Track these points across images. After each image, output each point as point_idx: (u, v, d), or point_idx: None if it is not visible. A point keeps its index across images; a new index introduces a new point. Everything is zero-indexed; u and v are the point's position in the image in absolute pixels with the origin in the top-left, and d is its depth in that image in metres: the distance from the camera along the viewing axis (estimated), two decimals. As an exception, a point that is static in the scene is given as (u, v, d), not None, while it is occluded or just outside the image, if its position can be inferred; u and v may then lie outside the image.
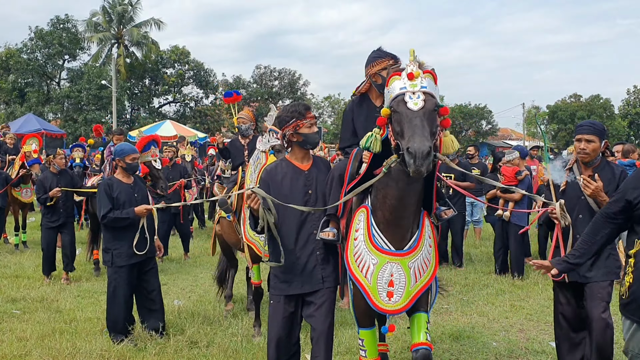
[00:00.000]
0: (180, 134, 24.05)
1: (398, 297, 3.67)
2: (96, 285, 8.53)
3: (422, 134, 3.17)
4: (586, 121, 4.53)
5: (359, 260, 3.73)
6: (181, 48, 44.29)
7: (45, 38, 39.84)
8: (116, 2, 41.98)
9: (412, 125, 3.22)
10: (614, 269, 4.32)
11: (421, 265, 3.76)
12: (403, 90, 3.36)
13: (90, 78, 38.68)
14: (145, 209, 5.75)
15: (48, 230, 8.85)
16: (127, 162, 5.93)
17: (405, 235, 3.72)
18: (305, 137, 4.04)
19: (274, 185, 4.02)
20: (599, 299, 4.20)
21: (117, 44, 42.56)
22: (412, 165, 3.11)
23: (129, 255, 5.75)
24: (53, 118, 41.31)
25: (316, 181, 4.09)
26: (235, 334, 6.04)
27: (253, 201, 3.84)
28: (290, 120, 4.00)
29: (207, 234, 13.82)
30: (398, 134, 3.33)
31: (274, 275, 4.13)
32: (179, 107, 46.54)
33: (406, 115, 3.27)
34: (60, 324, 6.44)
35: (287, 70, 50.97)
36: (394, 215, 3.65)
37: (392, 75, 3.49)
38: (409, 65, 3.43)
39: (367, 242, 3.71)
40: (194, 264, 10.32)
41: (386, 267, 3.66)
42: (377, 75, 4.14)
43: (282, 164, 4.14)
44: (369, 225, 3.73)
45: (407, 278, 3.67)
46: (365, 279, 3.69)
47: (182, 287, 8.45)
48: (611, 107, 57.15)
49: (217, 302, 7.36)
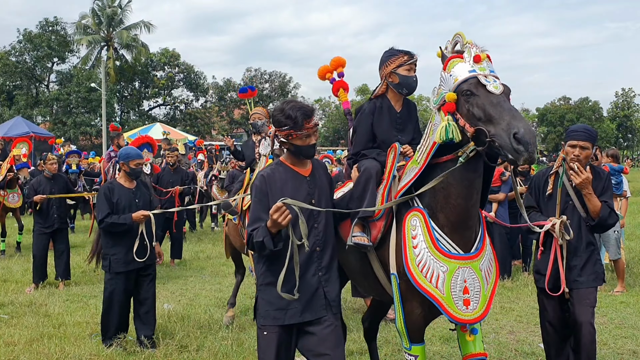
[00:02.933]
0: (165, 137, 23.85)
1: (475, 303, 3.35)
2: (85, 289, 8.47)
3: (522, 117, 2.92)
4: (580, 126, 4.46)
5: (425, 270, 3.32)
6: (171, 51, 44.25)
7: (34, 40, 39.62)
8: (106, 5, 41.83)
9: (503, 108, 2.96)
10: (600, 274, 4.33)
11: (489, 265, 3.51)
12: (474, 73, 3.10)
13: (79, 81, 38.55)
14: (143, 215, 5.54)
15: (41, 236, 8.64)
16: (132, 167, 5.74)
17: (472, 236, 3.44)
18: (297, 149, 3.39)
19: (273, 193, 3.32)
20: (587, 305, 4.20)
21: (107, 47, 42.39)
22: (525, 153, 2.80)
23: (127, 262, 5.61)
24: (42, 121, 41.04)
25: (319, 188, 3.51)
26: (225, 337, 6.01)
27: (282, 215, 3.08)
28: (283, 127, 3.31)
29: (197, 237, 13.78)
30: (480, 119, 3.03)
31: (266, 301, 3.40)
32: (169, 109, 46.51)
33: (490, 98, 3.02)
34: (48, 329, 6.38)
35: (278, 73, 51.09)
36: (461, 216, 3.35)
37: (452, 58, 3.22)
38: (471, 48, 3.20)
39: (431, 248, 3.34)
40: (184, 267, 10.27)
41: (458, 273, 3.32)
42: (394, 75, 3.96)
43: (280, 168, 3.47)
44: (429, 231, 3.36)
45: (481, 282, 3.38)
46: (437, 290, 3.30)
47: (172, 290, 8.40)
48: (600, 109, 57.67)
49: (207, 306, 7.33)
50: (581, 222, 4.29)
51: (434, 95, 3.35)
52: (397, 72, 3.94)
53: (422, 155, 3.41)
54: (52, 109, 40.83)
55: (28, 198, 8.64)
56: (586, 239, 4.30)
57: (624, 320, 6.62)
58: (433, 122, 3.35)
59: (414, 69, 3.98)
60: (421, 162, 3.39)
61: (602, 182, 4.32)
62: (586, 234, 4.31)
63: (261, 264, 3.41)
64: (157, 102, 46.31)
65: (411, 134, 4.14)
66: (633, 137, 63.17)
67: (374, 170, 3.78)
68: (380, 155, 3.93)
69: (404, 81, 3.96)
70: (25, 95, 39.72)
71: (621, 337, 6.03)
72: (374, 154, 3.97)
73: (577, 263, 4.26)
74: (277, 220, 3.07)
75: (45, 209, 8.55)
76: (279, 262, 3.24)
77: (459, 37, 3.29)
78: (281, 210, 3.07)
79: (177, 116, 45.72)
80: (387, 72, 3.98)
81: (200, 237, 13.82)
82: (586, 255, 4.29)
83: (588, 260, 4.29)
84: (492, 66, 3.18)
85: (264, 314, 3.41)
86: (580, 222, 4.29)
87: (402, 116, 4.12)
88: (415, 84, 4.01)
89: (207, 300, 7.73)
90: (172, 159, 10.91)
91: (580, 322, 4.17)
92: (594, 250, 4.35)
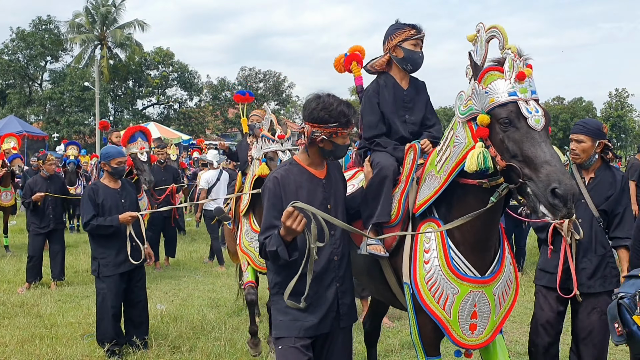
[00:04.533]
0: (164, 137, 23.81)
1: (482, 329, 3.14)
2: (78, 289, 8.43)
3: (563, 167, 2.62)
4: (581, 120, 4.16)
5: (434, 289, 3.10)
6: (165, 50, 44.16)
7: (27, 39, 39.49)
8: (99, 4, 41.69)
9: (544, 153, 2.62)
10: (613, 278, 3.99)
11: (504, 288, 3.23)
12: (514, 97, 2.72)
13: (72, 80, 38.44)
14: (130, 217, 5.44)
15: (36, 236, 8.57)
16: (113, 165, 5.59)
17: (490, 257, 3.17)
18: (335, 148, 3.10)
19: (287, 197, 3.01)
20: (597, 312, 3.93)
21: (100, 46, 42.25)
22: (563, 209, 2.52)
23: (116, 265, 5.47)
24: (35, 120, 40.92)
25: (334, 193, 3.23)
26: (218, 338, 5.99)
27: (296, 221, 2.81)
28: (332, 124, 3.02)
29: (190, 237, 13.74)
30: (515, 156, 2.70)
31: (282, 312, 3.13)
32: (163, 109, 46.41)
33: (531, 136, 2.67)
34: (40, 329, 6.35)
35: (272, 73, 51.09)
36: (480, 236, 3.09)
37: (490, 69, 2.82)
38: (515, 60, 2.76)
39: (443, 267, 3.09)
40: (176, 267, 10.25)
41: (469, 297, 3.08)
42: (398, 48, 3.67)
43: (294, 170, 3.16)
44: (444, 248, 3.12)
45: (492, 307, 3.14)
46: (444, 312, 3.09)
47: (165, 291, 8.37)
48: (593, 109, 57.90)
49: (200, 307, 7.31)
50: (593, 222, 3.97)
51: (461, 103, 2.96)
52: (402, 46, 3.66)
53: (443, 172, 3.09)
54: (45, 108, 40.71)
55: (24, 198, 8.57)
56: (598, 240, 3.98)
57: (616, 320, 6.62)
58: (455, 133, 3.03)
59: (421, 45, 3.70)
60: (442, 179, 3.09)
61: (615, 184, 4.00)
62: (598, 235, 3.98)
63: (275, 272, 3.16)
64: (151, 101, 46.22)
65: (421, 112, 3.84)
66: (626, 138, 63.41)
67: (390, 170, 3.49)
68: (397, 149, 3.62)
69: (408, 56, 3.68)
70: (18, 94, 39.57)
71: (613, 337, 6.02)
72: (390, 148, 3.65)
73: (587, 266, 3.95)
74: (290, 227, 2.79)
75: (41, 209, 8.49)
76: (295, 271, 2.98)
77: (497, 34, 2.83)
78: (294, 216, 2.79)
79: (171, 115, 45.64)
80: (391, 45, 3.70)
81: (193, 237, 13.78)
82: (598, 258, 3.96)
83: (600, 263, 3.96)
84: (534, 84, 2.80)
85: (278, 324, 3.15)
86: (592, 221, 3.97)
87: (410, 94, 3.81)
88: (421, 60, 3.73)
89: (200, 300, 7.71)
90: (162, 156, 10.90)
91: (589, 331, 3.94)
92: (606, 252, 4.00)
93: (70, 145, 11.52)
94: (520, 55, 2.79)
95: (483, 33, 2.87)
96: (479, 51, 2.89)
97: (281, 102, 50.85)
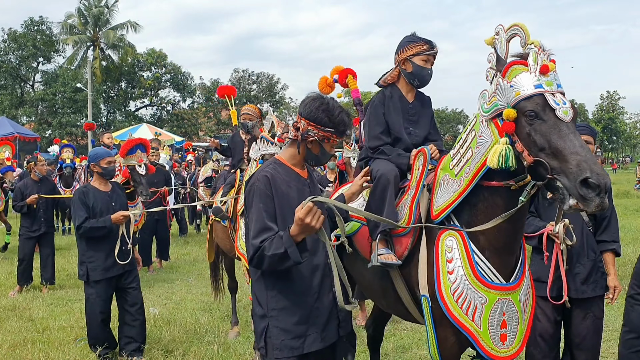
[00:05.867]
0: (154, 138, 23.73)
1: (512, 338, 3.04)
2: (70, 292, 8.39)
3: (593, 157, 2.55)
4: (581, 123, 4.05)
5: (461, 300, 2.98)
6: (158, 51, 44.08)
7: (19, 40, 39.34)
8: (92, 4, 41.56)
9: (573, 144, 2.54)
10: (601, 282, 4.02)
11: (527, 294, 3.15)
12: (540, 90, 2.65)
13: (65, 81, 38.33)
14: (122, 216, 5.34)
15: (27, 240, 8.51)
16: (103, 166, 5.46)
17: (513, 262, 3.08)
18: (321, 154, 2.99)
19: (280, 198, 2.86)
20: (591, 317, 3.96)
21: (93, 47, 42.10)
22: (596, 198, 2.43)
23: (106, 269, 5.33)
24: (27, 121, 40.73)
25: (318, 193, 3.11)
26: (211, 342, 5.97)
27: (315, 217, 2.60)
28: (329, 128, 2.91)
29: (183, 240, 13.70)
30: (543, 149, 2.61)
31: (281, 330, 2.86)
32: (156, 110, 46.31)
33: (559, 127, 2.59)
34: (32, 333, 6.32)
35: (266, 74, 51.14)
36: (505, 240, 2.98)
37: (514, 64, 2.75)
38: (538, 54, 2.70)
39: (469, 276, 2.98)
40: (170, 270, 10.21)
41: (497, 305, 2.98)
42: (408, 62, 3.63)
43: (279, 169, 2.97)
44: (468, 255, 3.00)
45: (520, 315, 3.05)
46: (473, 323, 2.96)
47: (158, 294, 8.35)
48: (585, 112, 58.18)
49: (193, 310, 7.29)
50: (584, 227, 3.99)
51: (484, 101, 2.89)
52: (412, 60, 3.62)
53: (464, 174, 3.00)
54: (37, 109, 40.55)
55: (15, 202, 8.50)
56: (589, 245, 4.00)
57: (607, 323, 6.57)
58: (478, 133, 2.94)
59: (432, 62, 3.66)
60: (463, 182, 2.99)
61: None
62: (589, 240, 4.01)
63: (270, 286, 2.89)
64: (143, 103, 46.14)
65: (426, 128, 3.81)
66: (618, 140, 63.79)
67: (391, 175, 3.40)
68: (402, 156, 3.54)
69: (417, 72, 3.65)
70: (10, 95, 39.37)
71: (605, 340, 5.98)
72: (394, 155, 3.59)
73: (580, 271, 3.96)
74: (309, 223, 2.57)
75: (33, 212, 8.44)
76: (293, 280, 2.84)
77: (519, 31, 2.76)
78: (313, 212, 2.57)
79: (164, 117, 45.54)
80: (402, 57, 3.66)
81: (186, 240, 13.73)
82: (590, 263, 3.98)
83: (592, 268, 3.98)
84: (558, 78, 2.73)
85: (279, 345, 2.86)
86: (583, 227, 3.98)
87: (415, 108, 3.79)
88: (430, 77, 3.70)
89: (194, 304, 7.69)
90: (155, 157, 10.85)
91: (583, 336, 3.94)
92: (596, 257, 4.02)
93: (66, 148, 11.38)
94: (543, 49, 2.72)
95: (503, 34, 2.82)
96: (500, 52, 2.84)
97: (274, 103, 50.83)
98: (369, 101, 3.87)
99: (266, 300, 2.89)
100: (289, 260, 2.66)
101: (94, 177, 5.64)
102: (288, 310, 2.85)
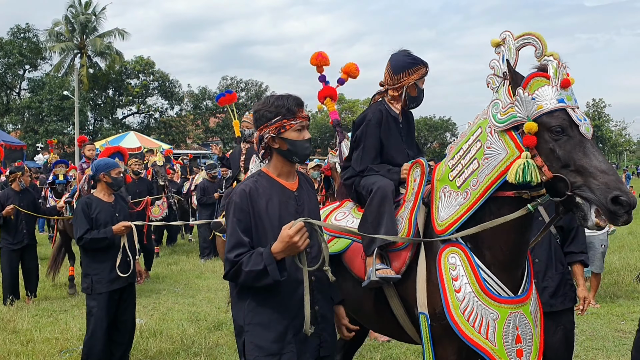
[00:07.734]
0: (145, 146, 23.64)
1: (528, 353, 2.93)
2: (55, 303, 8.30)
3: (620, 178, 2.57)
4: None
5: (472, 318, 2.86)
6: (146, 59, 43.89)
7: (5, 47, 39.04)
8: (79, 12, 41.37)
9: (598, 161, 2.54)
10: (571, 294, 4.02)
11: (537, 307, 3.09)
12: (562, 105, 2.62)
13: (51, 88, 38.04)
14: (124, 227, 5.16)
15: (10, 253, 8.23)
16: (113, 176, 5.36)
17: (520, 275, 3.01)
18: (291, 145, 2.81)
19: (256, 212, 2.78)
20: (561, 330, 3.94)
21: (80, 54, 41.89)
22: (624, 216, 2.47)
23: (110, 281, 5.15)
24: (13, 129, 40.35)
25: (307, 206, 2.94)
26: (197, 353, 5.93)
27: (303, 238, 2.59)
28: (274, 118, 2.79)
29: (171, 249, 13.62)
30: (566, 166, 2.58)
31: (256, 346, 2.76)
32: (143, 118, 46.10)
33: (584, 145, 2.57)
34: (16, 346, 6.24)
35: (254, 82, 51.04)
36: (512, 253, 2.92)
37: (536, 75, 2.69)
38: (559, 67, 2.66)
39: (478, 293, 2.88)
40: (156, 280, 10.11)
41: (510, 320, 2.88)
42: (413, 87, 3.54)
43: (262, 181, 2.87)
44: (474, 270, 2.91)
45: (533, 328, 2.96)
46: (488, 342, 2.84)
47: (145, 305, 8.26)
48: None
49: (180, 321, 7.24)
50: (552, 240, 3.97)
51: (497, 111, 2.79)
52: (417, 85, 3.55)
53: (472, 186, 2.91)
54: (23, 117, 40.19)
55: None
56: (557, 257, 3.98)
57: (594, 331, 6.68)
58: (485, 144, 2.86)
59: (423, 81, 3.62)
60: (471, 195, 2.90)
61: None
62: (557, 253, 3.99)
63: (248, 299, 2.79)
64: (131, 111, 45.90)
65: (414, 147, 3.73)
66: (604, 147, 64.32)
67: (389, 189, 3.30)
68: (392, 172, 3.46)
69: (419, 95, 3.60)
70: (-4, 102, 39.05)
71: (592, 349, 6.07)
72: (384, 170, 3.49)
73: (549, 284, 3.93)
74: (297, 243, 2.56)
75: (14, 224, 8.22)
76: (272, 295, 2.74)
77: (534, 41, 2.73)
78: (302, 232, 2.57)
79: (152, 124, 45.32)
80: (408, 82, 3.52)
81: (174, 250, 13.65)
82: (559, 276, 3.96)
83: (561, 281, 3.96)
84: (574, 93, 2.69)
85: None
86: (550, 240, 3.96)
87: (404, 125, 3.67)
88: (423, 97, 3.65)
89: (180, 314, 7.62)
90: (138, 166, 10.78)
91: (555, 349, 3.88)
92: (564, 269, 4.02)
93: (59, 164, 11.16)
94: (564, 63, 2.69)
95: (511, 41, 2.77)
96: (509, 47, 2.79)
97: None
98: (361, 116, 3.69)
99: (244, 314, 2.81)
100: (267, 278, 2.60)
101: (98, 187, 5.49)
102: (264, 326, 2.76)
